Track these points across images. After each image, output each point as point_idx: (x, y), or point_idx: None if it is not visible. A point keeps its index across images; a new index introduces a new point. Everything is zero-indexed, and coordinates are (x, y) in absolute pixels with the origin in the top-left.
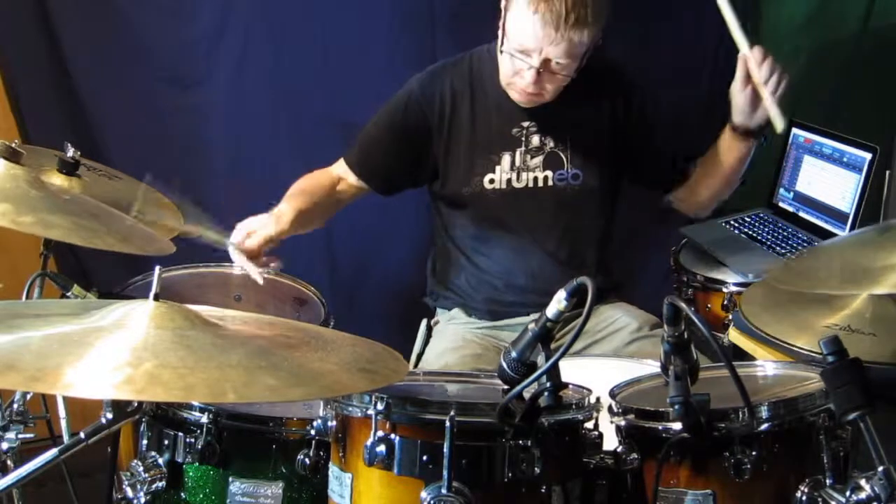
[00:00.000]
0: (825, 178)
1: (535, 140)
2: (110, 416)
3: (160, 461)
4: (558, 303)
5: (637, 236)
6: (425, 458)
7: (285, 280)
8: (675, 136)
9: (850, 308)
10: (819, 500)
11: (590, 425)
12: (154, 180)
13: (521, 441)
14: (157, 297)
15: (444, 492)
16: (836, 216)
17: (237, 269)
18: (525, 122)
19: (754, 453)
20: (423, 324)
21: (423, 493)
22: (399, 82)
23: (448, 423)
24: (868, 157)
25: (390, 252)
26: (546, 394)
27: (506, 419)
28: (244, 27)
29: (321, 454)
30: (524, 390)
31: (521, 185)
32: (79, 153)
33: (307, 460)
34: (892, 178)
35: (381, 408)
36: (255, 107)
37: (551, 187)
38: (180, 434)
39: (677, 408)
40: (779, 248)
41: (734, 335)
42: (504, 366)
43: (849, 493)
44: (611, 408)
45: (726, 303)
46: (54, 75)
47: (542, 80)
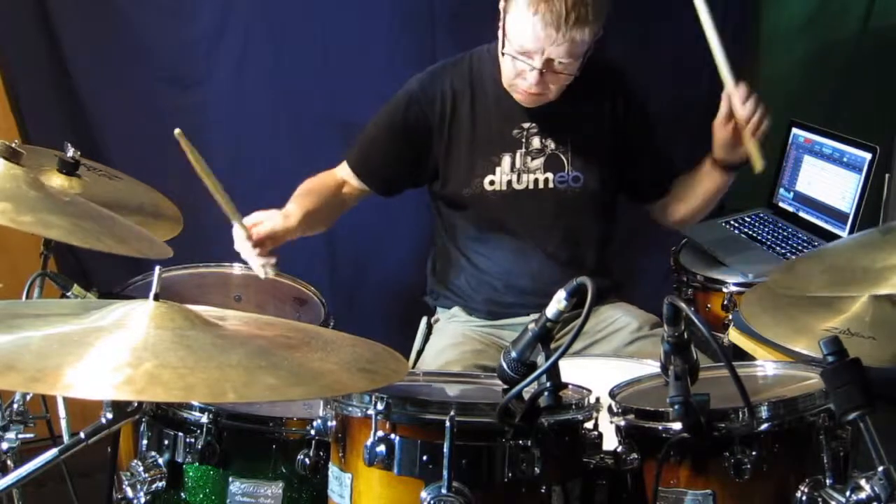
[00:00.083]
0: (825, 178)
1: (535, 142)
2: (110, 416)
3: (160, 461)
4: (558, 303)
5: (637, 236)
6: (425, 458)
7: (285, 280)
8: (675, 135)
9: (850, 311)
10: (819, 500)
11: (590, 425)
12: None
13: (521, 441)
14: (157, 297)
15: (444, 492)
16: (836, 216)
17: (237, 268)
18: (525, 124)
19: (754, 453)
20: (423, 321)
21: (423, 493)
22: (399, 82)
23: (448, 423)
24: (868, 157)
25: (390, 252)
26: (546, 394)
27: (506, 419)
28: (244, 27)
29: (321, 454)
30: (524, 390)
31: (522, 186)
32: (79, 153)
33: (307, 460)
34: (891, 179)
35: (381, 408)
36: (255, 107)
37: (552, 189)
38: (180, 434)
39: (677, 408)
40: (779, 248)
41: (734, 335)
42: (504, 366)
43: (849, 493)
44: (611, 408)
45: (726, 303)
46: (54, 75)
47: (545, 80)
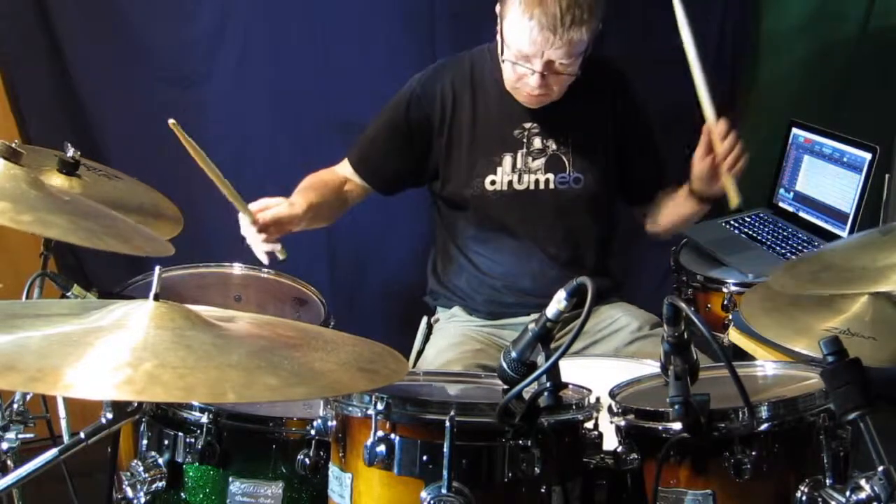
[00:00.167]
0: (825, 178)
1: (536, 142)
2: (110, 416)
3: (160, 461)
4: (558, 303)
5: (637, 236)
6: (425, 458)
7: (285, 280)
8: (675, 131)
9: (850, 311)
10: (819, 500)
11: (590, 425)
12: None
13: (521, 441)
14: (157, 297)
15: (444, 492)
16: (836, 216)
17: (237, 268)
18: (526, 124)
19: (754, 453)
20: (424, 321)
21: (423, 493)
22: (399, 82)
23: (448, 423)
24: (868, 157)
25: (390, 252)
26: (546, 394)
27: (506, 419)
28: (244, 27)
29: (321, 454)
30: (524, 390)
31: (523, 187)
32: (79, 153)
33: (307, 460)
34: (892, 179)
35: (381, 408)
36: (256, 107)
37: (552, 190)
38: (180, 434)
39: (677, 408)
40: (779, 248)
41: (734, 335)
42: (504, 366)
43: (849, 493)
44: (611, 408)
45: (726, 303)
46: (54, 75)
47: (547, 81)
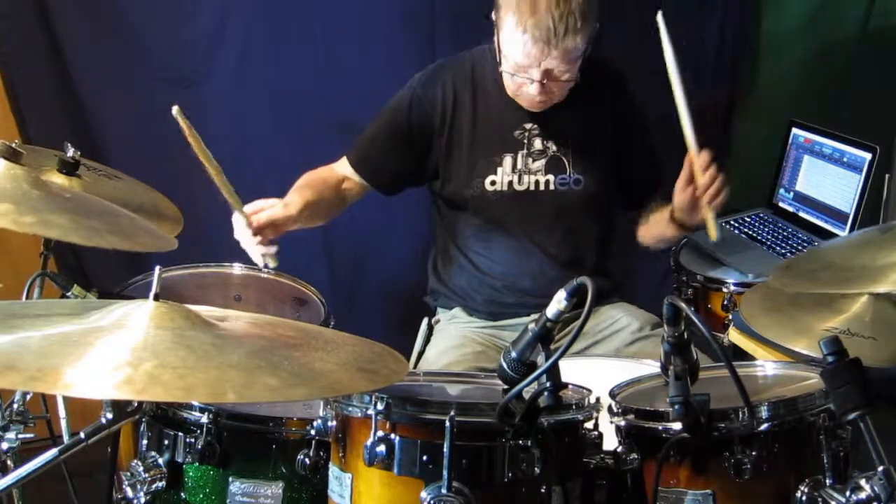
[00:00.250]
0: (825, 178)
1: (536, 143)
2: (110, 416)
3: (160, 461)
4: (558, 303)
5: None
6: (425, 458)
7: (285, 280)
8: (674, 132)
9: (850, 311)
10: (819, 500)
11: (590, 425)
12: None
13: (521, 441)
14: (157, 297)
15: (444, 492)
16: (836, 216)
17: (237, 268)
18: (527, 125)
19: (754, 453)
20: (424, 322)
21: (423, 493)
22: (399, 82)
23: (448, 423)
24: (868, 157)
25: (390, 252)
26: (546, 394)
27: (506, 419)
28: (244, 27)
29: (321, 454)
30: (524, 390)
31: (523, 187)
32: (79, 153)
33: (307, 460)
34: (892, 179)
35: (381, 408)
36: (256, 106)
37: (553, 191)
38: (180, 434)
39: (677, 408)
40: (779, 248)
41: (734, 335)
42: (504, 366)
43: (849, 493)
44: (611, 408)
45: (726, 303)
46: (54, 75)
47: (547, 88)
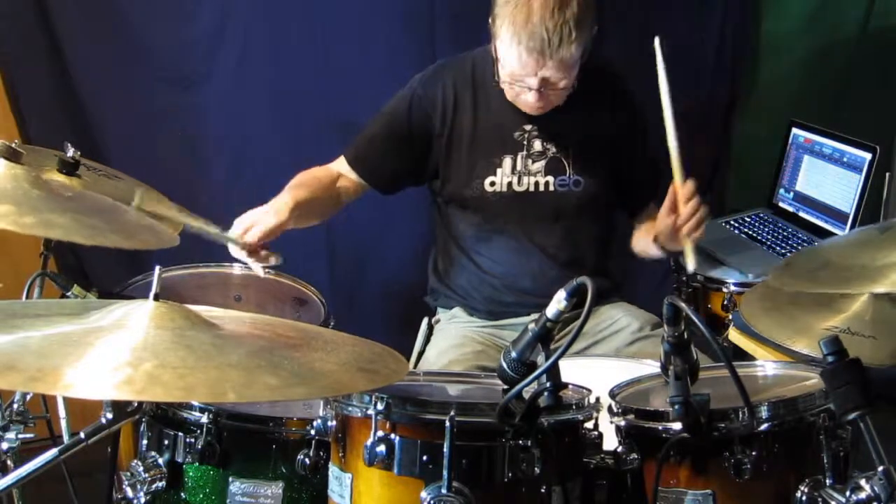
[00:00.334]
0: (825, 178)
1: (536, 144)
2: (110, 416)
3: (160, 461)
4: (558, 303)
5: None
6: (425, 458)
7: (285, 280)
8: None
9: (850, 310)
10: (819, 500)
11: (590, 425)
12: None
13: (521, 441)
14: (157, 297)
15: (444, 492)
16: (836, 216)
17: (237, 268)
18: (527, 126)
19: (754, 453)
20: (424, 322)
21: (423, 493)
22: (399, 82)
23: (448, 423)
24: (868, 157)
25: (390, 252)
26: (546, 394)
27: (506, 419)
28: (244, 27)
29: (321, 454)
30: (524, 390)
31: (522, 188)
32: (79, 153)
33: (307, 460)
34: (892, 178)
35: (381, 408)
36: (255, 107)
37: (552, 192)
38: (180, 434)
39: (677, 408)
40: (779, 248)
41: (734, 335)
42: (504, 366)
43: (849, 493)
44: (611, 408)
45: (726, 303)
46: (54, 75)
47: (545, 95)
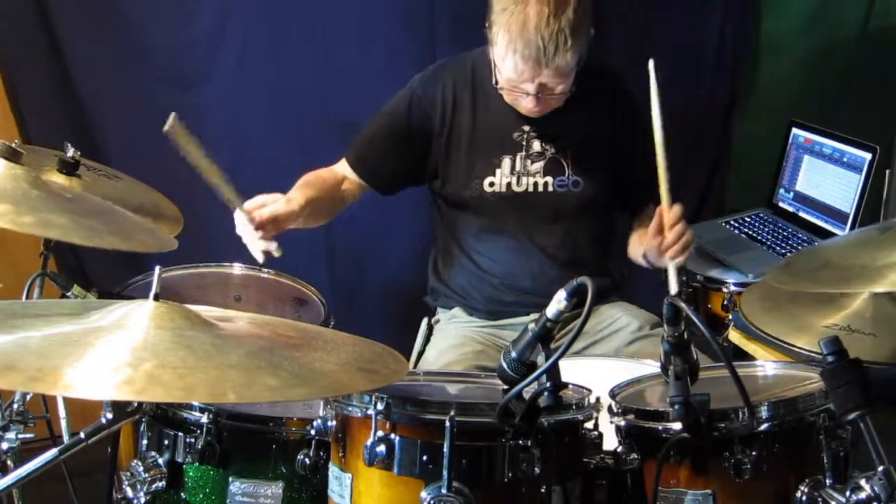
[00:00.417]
0: (825, 178)
1: (535, 145)
2: (110, 416)
3: (160, 461)
4: (558, 303)
5: None
6: (425, 458)
7: (285, 280)
8: (674, 133)
9: (851, 308)
10: (819, 500)
11: (590, 425)
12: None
13: (521, 441)
14: (157, 297)
15: (444, 492)
16: (836, 216)
17: (237, 268)
18: (526, 127)
19: (754, 453)
20: (424, 322)
21: (423, 493)
22: (399, 82)
23: (448, 423)
24: (868, 157)
25: (390, 252)
26: (546, 394)
27: (506, 419)
28: (244, 27)
29: (321, 454)
30: (524, 390)
31: (521, 189)
32: (79, 153)
33: (307, 460)
34: (892, 177)
35: (381, 408)
36: (255, 107)
37: (551, 193)
38: (180, 434)
39: (677, 408)
40: (779, 248)
41: (734, 335)
42: (504, 366)
43: (849, 493)
44: (611, 408)
45: (726, 303)
46: (54, 75)
47: (543, 100)
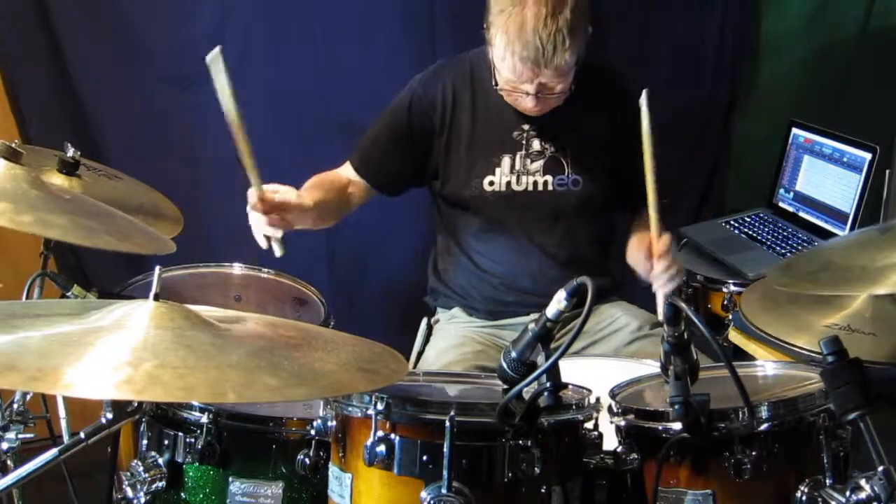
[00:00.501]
0: (825, 178)
1: (535, 144)
2: (110, 416)
3: (160, 461)
4: (558, 303)
5: None
6: (425, 458)
7: (285, 280)
8: (674, 132)
9: (851, 308)
10: (819, 500)
11: (590, 425)
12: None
13: (521, 441)
14: (157, 297)
15: (444, 492)
16: (836, 216)
17: (237, 268)
18: (525, 126)
19: (754, 453)
20: (424, 322)
21: (423, 493)
22: (399, 82)
23: (448, 423)
24: (868, 157)
25: (390, 252)
26: (546, 394)
27: (506, 419)
28: (244, 27)
29: (321, 454)
30: (524, 390)
31: (521, 188)
32: (79, 153)
33: (307, 460)
34: (892, 177)
35: (381, 408)
36: (256, 107)
37: (551, 192)
38: (180, 434)
39: (677, 408)
40: (779, 248)
41: (734, 335)
42: (504, 366)
43: (849, 493)
44: (611, 408)
45: (726, 303)
46: (54, 75)
47: (542, 99)
